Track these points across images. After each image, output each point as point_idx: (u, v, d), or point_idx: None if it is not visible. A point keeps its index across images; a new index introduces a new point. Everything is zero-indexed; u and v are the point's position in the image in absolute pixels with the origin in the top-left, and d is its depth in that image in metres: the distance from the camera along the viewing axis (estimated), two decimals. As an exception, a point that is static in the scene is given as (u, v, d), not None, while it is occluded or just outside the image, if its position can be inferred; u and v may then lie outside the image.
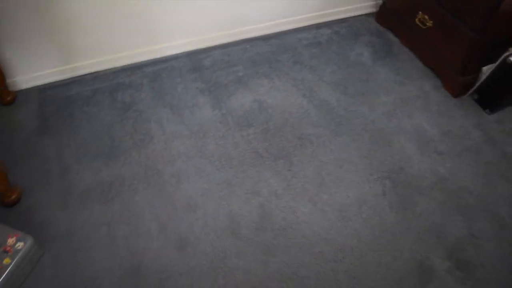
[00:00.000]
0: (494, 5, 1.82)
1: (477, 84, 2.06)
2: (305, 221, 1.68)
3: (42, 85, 2.13)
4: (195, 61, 2.28)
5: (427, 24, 2.16)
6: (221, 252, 1.58)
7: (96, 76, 2.18)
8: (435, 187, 1.79)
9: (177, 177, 1.79)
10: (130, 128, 1.95)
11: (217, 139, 1.93)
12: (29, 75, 2.08)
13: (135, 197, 1.72)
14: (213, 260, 1.56)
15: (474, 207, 1.74)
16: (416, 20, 2.20)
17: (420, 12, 2.17)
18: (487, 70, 2.01)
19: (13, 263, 1.44)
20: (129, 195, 1.73)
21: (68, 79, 2.16)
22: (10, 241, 1.49)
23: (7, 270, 1.42)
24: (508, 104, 2.08)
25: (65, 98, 2.07)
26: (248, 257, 1.58)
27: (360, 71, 2.25)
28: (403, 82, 2.21)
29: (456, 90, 2.11)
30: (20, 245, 1.48)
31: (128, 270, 1.53)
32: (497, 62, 1.94)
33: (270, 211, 1.70)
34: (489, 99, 2.05)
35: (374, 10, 2.61)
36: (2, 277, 1.41)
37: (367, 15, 2.62)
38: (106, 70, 2.21)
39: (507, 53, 1.90)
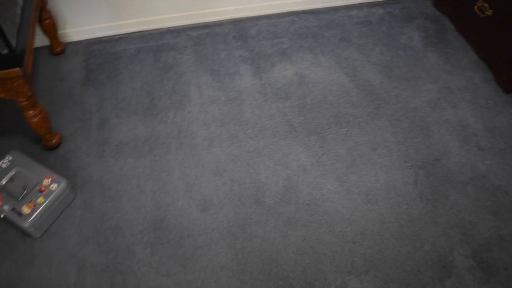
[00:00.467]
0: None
1: (532, 81, 1.95)
2: (330, 199, 1.67)
3: (90, 39, 2.20)
4: (240, 29, 2.27)
5: (486, 12, 2.04)
6: (242, 219, 1.61)
7: (142, 35, 2.22)
8: (470, 182, 1.73)
9: (209, 141, 1.82)
10: (170, 88, 1.99)
11: (253, 108, 1.93)
12: (79, 28, 2.14)
13: (167, 155, 1.77)
14: (234, 225, 1.59)
15: (508, 209, 1.66)
16: (475, 7, 2.09)
17: (481, 0, 2.06)
18: (545, 67, 1.90)
19: (46, 202, 1.53)
20: (161, 153, 1.77)
21: (115, 35, 2.22)
22: (46, 181, 1.57)
23: (40, 208, 1.51)
24: None
25: (111, 54, 2.13)
26: (268, 226, 1.59)
27: (408, 55, 2.17)
28: (452, 71, 2.11)
29: (508, 85, 2.00)
30: (54, 186, 1.57)
31: (151, 223, 1.59)
32: (557, 60, 1.83)
33: (297, 184, 1.70)
34: (543, 98, 1.94)
35: (432, -7, 2.49)
36: (35, 214, 1.50)
37: (424, -2, 2.52)
38: (152, 30, 2.25)
39: None
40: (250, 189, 1.69)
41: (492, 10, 2.01)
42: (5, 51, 1.31)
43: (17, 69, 1.37)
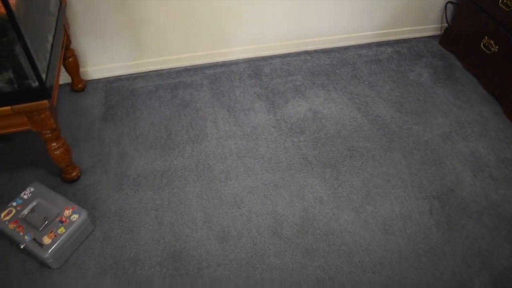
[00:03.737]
0: None
1: (541, 113, 1.99)
2: (347, 229, 1.68)
3: (110, 77, 2.29)
4: (255, 68, 2.36)
5: (492, 49, 2.12)
6: (261, 249, 1.61)
7: (160, 74, 2.31)
8: (485, 212, 1.74)
9: (226, 174, 1.85)
10: (187, 124, 2.04)
11: (268, 142, 1.97)
12: (100, 66, 2.24)
13: (185, 187, 1.79)
14: (252, 255, 1.59)
15: (526, 238, 1.67)
16: (481, 44, 2.17)
17: (486, 37, 2.14)
18: (552, 100, 1.95)
19: (66, 233, 1.54)
20: (179, 185, 1.80)
21: (134, 74, 2.31)
22: (67, 212, 1.60)
23: (60, 239, 1.53)
24: None
25: (130, 91, 2.21)
26: (287, 257, 1.59)
27: (418, 91, 2.24)
28: (462, 106, 2.17)
29: (518, 118, 2.05)
30: (75, 217, 1.59)
31: (170, 254, 1.59)
32: None
33: (313, 215, 1.71)
34: (553, 130, 1.98)
35: (438, 33, 2.59)
36: (56, 245, 1.51)
37: (430, 37, 2.61)
38: (170, 69, 2.34)
39: None
40: (267, 220, 1.70)
41: (497, 46, 2.08)
42: (36, 84, 1.37)
43: (45, 101, 1.43)
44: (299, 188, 1.81)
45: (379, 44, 2.53)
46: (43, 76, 1.40)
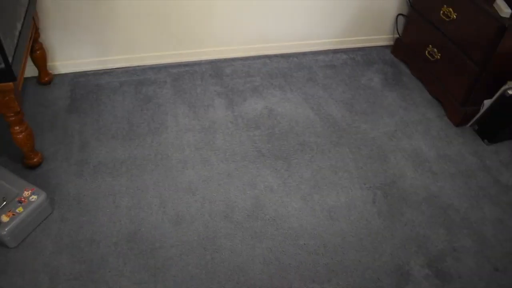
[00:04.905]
0: (494, 41, 1.95)
1: (478, 115, 2.16)
2: (295, 215, 1.78)
3: (77, 72, 2.37)
4: (217, 69, 2.48)
5: (435, 56, 2.30)
6: (212, 232, 1.70)
7: (126, 71, 2.40)
8: (424, 202, 1.88)
9: (183, 163, 1.94)
10: (148, 117, 2.14)
11: (225, 135, 2.08)
12: (67, 61, 2.32)
13: (143, 175, 1.88)
14: (204, 238, 1.68)
15: (459, 225, 1.81)
16: (426, 52, 2.35)
17: (430, 45, 2.32)
18: (488, 102, 2.11)
19: (24, 212, 1.60)
20: (137, 173, 1.89)
21: (101, 70, 2.40)
22: (26, 193, 1.66)
23: (18, 217, 1.58)
24: (506, 137, 2.16)
25: (96, 85, 2.29)
26: (236, 239, 1.69)
27: (368, 94, 2.40)
28: (408, 108, 2.33)
29: (458, 119, 2.22)
30: (34, 197, 1.65)
31: (125, 236, 1.67)
32: (496, 95, 2.05)
33: (263, 202, 1.82)
34: (489, 130, 2.15)
35: (390, 43, 2.78)
36: (13, 223, 1.57)
37: (383, 46, 2.79)
38: (136, 66, 2.44)
39: (505, 86, 2.00)
40: (220, 206, 1.80)
41: (440, 54, 2.26)
42: (2, 66, 1.45)
43: (11, 83, 1.51)
44: (251, 178, 1.91)
45: (335, 51, 2.70)
46: (10, 59, 1.48)
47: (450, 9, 2.14)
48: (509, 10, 1.88)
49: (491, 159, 2.10)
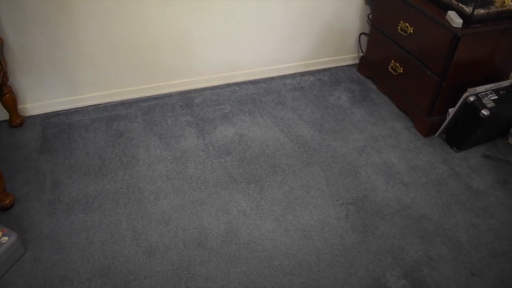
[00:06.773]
0: (449, 51, 2.02)
1: (444, 124, 2.20)
2: (269, 237, 1.79)
3: (49, 112, 2.39)
4: (187, 99, 2.52)
5: (398, 70, 2.36)
6: (186, 261, 1.70)
7: (97, 108, 2.43)
8: (397, 213, 1.89)
9: (155, 194, 1.95)
10: (120, 151, 2.15)
11: (197, 164, 2.10)
12: (38, 103, 2.35)
13: (115, 209, 1.88)
14: (178, 267, 1.68)
15: (433, 233, 1.82)
16: (389, 67, 2.41)
17: (393, 60, 2.38)
18: (452, 111, 2.16)
19: (-5, 255, 1.60)
20: (110, 207, 1.89)
21: (72, 108, 2.42)
22: (-4, 236, 1.66)
23: (-11, 260, 1.58)
24: (474, 143, 2.20)
25: (67, 124, 2.32)
26: (211, 266, 1.68)
27: (337, 112, 2.44)
28: (377, 122, 2.37)
29: (426, 130, 2.26)
30: (5, 239, 1.64)
31: (99, 271, 1.65)
32: (459, 103, 2.10)
33: (237, 227, 1.82)
34: (456, 138, 2.18)
35: (356, 61, 2.85)
36: (-16, 267, 1.56)
37: (349, 65, 2.86)
38: (106, 103, 2.47)
39: (466, 94, 2.05)
40: (193, 234, 1.80)
41: (402, 68, 2.32)
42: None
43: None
44: (224, 203, 1.92)
45: (303, 74, 2.76)
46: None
47: (407, 24, 2.22)
48: (460, 20, 1.94)
49: (460, 166, 2.13)
